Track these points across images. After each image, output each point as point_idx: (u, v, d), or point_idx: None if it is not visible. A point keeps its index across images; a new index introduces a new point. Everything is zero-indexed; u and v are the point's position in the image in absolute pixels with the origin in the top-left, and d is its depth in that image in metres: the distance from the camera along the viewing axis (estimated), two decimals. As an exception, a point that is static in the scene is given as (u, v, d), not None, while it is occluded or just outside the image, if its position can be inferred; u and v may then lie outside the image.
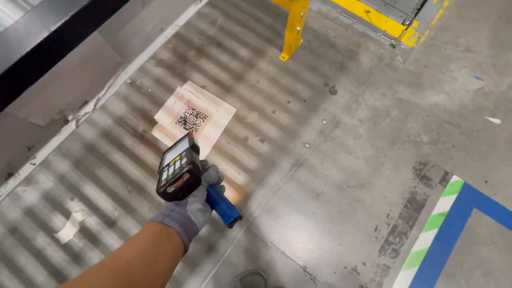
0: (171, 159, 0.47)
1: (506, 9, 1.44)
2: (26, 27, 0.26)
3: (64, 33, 0.28)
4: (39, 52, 0.27)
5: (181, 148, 0.49)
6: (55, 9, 0.27)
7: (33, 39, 0.26)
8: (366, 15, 1.43)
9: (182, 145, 0.50)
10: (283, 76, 1.32)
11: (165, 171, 0.45)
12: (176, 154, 0.48)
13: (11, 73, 0.26)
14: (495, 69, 1.34)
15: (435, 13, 1.44)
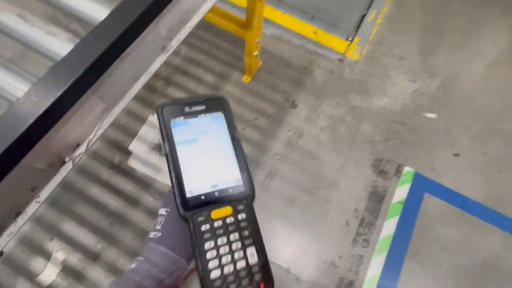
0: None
1: (427, 23, 1.71)
2: (36, 96, 0.34)
3: (65, 98, 0.36)
4: (47, 114, 0.35)
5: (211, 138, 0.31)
6: (57, 79, 0.36)
7: (43, 105, 0.34)
8: (315, 35, 1.62)
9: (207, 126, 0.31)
10: (247, 96, 1.44)
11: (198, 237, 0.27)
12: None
13: (25, 136, 0.34)
14: (425, 73, 1.58)
15: (371, 29, 1.67)
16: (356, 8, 1.71)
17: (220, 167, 0.30)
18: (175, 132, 0.29)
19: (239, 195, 0.29)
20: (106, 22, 0.37)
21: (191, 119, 0.31)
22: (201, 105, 0.31)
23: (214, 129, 0.31)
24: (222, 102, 0.32)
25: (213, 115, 0.31)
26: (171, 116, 0.30)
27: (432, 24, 1.71)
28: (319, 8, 1.69)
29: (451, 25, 1.71)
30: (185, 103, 0.31)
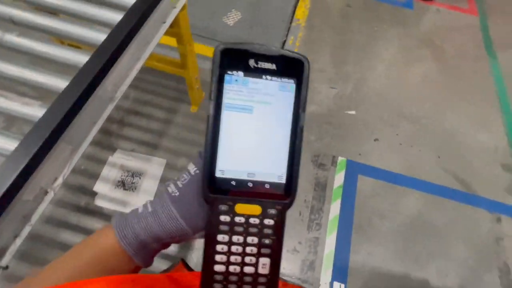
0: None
1: (335, 41, 2.11)
2: (21, 151, 0.50)
3: (43, 149, 0.52)
4: (33, 160, 0.50)
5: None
6: (36, 138, 0.52)
7: (28, 156, 0.49)
8: (247, 63, 1.90)
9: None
10: (198, 123, 1.63)
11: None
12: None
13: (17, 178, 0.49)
14: (341, 79, 1.93)
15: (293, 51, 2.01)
16: (277, 36, 2.05)
17: (266, 154, 0.24)
18: (227, 90, 0.22)
19: (276, 196, 0.24)
20: (66, 92, 0.55)
21: (253, 78, 0.23)
22: (272, 63, 0.23)
23: (278, 102, 0.23)
24: (301, 66, 0.24)
25: (283, 82, 0.23)
26: (228, 66, 0.22)
27: (339, 41, 2.11)
28: (247, 40, 1.98)
29: (354, 40, 2.13)
30: (253, 52, 0.23)
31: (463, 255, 1.44)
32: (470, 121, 1.85)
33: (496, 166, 1.71)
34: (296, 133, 0.24)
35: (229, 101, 0.23)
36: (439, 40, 2.20)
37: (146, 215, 0.27)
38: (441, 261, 1.42)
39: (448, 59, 2.11)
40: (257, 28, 2.05)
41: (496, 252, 1.46)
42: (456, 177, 1.65)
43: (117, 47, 0.64)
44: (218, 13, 2.07)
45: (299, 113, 0.24)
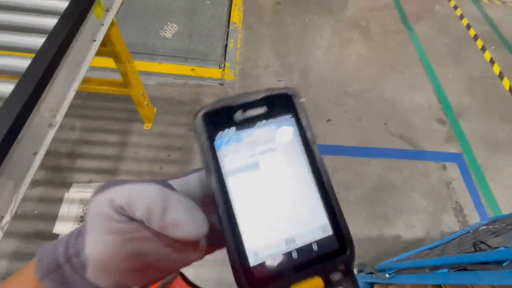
0: None
1: (273, 36, 2.21)
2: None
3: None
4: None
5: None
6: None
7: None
8: (193, 72, 1.91)
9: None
10: (154, 140, 1.59)
11: None
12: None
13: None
14: (286, 71, 2.03)
15: (235, 53, 2.06)
16: (217, 41, 2.09)
17: (296, 208, 0.19)
18: (222, 154, 0.19)
19: (331, 254, 0.19)
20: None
21: (246, 130, 0.19)
22: (260, 106, 0.20)
23: (282, 144, 0.20)
24: (290, 98, 0.21)
25: (279, 120, 0.20)
26: (214, 128, 0.19)
27: (277, 36, 2.22)
28: (189, 50, 2.00)
29: (290, 32, 2.26)
30: (235, 105, 0.20)
31: (423, 204, 1.60)
32: (404, 87, 2.07)
33: (432, 122, 1.94)
34: (319, 169, 0.20)
35: (229, 167, 0.19)
36: (364, 21, 2.43)
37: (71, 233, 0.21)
38: (406, 215, 1.56)
39: (374, 37, 2.34)
40: (196, 37, 2.07)
41: (448, 195, 1.65)
42: (403, 138, 1.83)
43: (44, 72, 0.62)
44: (154, 28, 2.05)
45: (310, 146, 0.20)
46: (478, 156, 1.82)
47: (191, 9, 2.22)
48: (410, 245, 1.46)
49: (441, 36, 2.45)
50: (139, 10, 2.12)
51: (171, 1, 2.22)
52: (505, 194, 1.68)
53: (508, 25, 2.65)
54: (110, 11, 0.91)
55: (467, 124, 1.96)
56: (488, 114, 2.04)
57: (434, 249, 1.01)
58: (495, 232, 0.81)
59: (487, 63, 2.35)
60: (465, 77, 2.22)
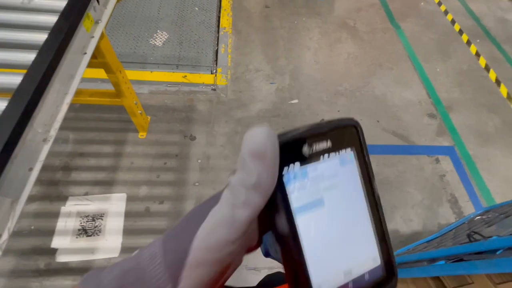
0: None
1: (263, 40, 2.23)
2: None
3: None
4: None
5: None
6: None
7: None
8: (185, 79, 1.91)
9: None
10: (150, 148, 1.59)
11: None
12: None
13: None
14: (277, 74, 2.05)
15: (226, 58, 2.08)
16: (208, 47, 2.10)
17: (355, 242, 0.20)
18: (291, 190, 0.18)
19: (379, 281, 0.20)
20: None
21: (311, 164, 0.19)
22: (325, 139, 0.19)
23: (344, 179, 0.20)
24: (353, 132, 0.21)
25: (342, 155, 0.20)
26: (281, 162, 0.18)
27: (267, 39, 2.24)
28: (180, 57, 2.01)
29: (279, 36, 2.28)
30: (303, 136, 0.19)
31: (418, 198, 1.63)
32: (394, 84, 2.11)
33: (423, 117, 1.97)
34: (376, 204, 0.20)
35: (298, 203, 0.18)
36: (352, 21, 2.47)
37: (118, 264, 0.19)
38: (403, 210, 1.59)
39: (362, 36, 2.38)
40: (186, 44, 2.08)
41: (442, 188, 1.68)
42: (395, 134, 1.86)
43: (36, 88, 0.62)
44: (144, 37, 2.05)
45: (371, 181, 0.20)
46: (469, 148, 1.86)
47: (180, 16, 2.23)
48: (408, 239, 1.48)
49: (427, 32, 2.50)
50: (128, 19, 2.13)
51: (159, 9, 2.23)
52: (497, 184, 1.72)
53: (490, 18, 2.72)
54: (100, 23, 0.92)
55: (457, 117, 2.00)
56: (477, 106, 2.08)
57: (431, 242, 1.02)
58: (489, 222, 0.84)
59: (473, 57, 2.40)
60: (453, 71, 2.27)
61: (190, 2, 2.33)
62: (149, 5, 2.24)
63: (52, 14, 0.76)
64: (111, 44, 1.09)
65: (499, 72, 2.30)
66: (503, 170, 1.79)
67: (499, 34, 2.58)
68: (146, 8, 2.21)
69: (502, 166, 1.80)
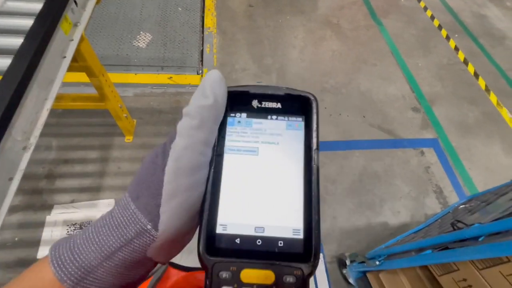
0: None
1: (248, 39, 2.23)
2: None
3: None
4: None
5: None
6: None
7: None
8: (171, 80, 1.89)
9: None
10: (137, 152, 1.56)
11: None
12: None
13: None
14: (264, 73, 2.05)
15: (212, 58, 2.06)
16: (193, 48, 2.08)
17: (277, 202, 0.20)
18: (230, 132, 0.20)
19: (293, 257, 0.19)
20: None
21: (257, 119, 0.21)
22: (277, 101, 0.21)
23: (286, 142, 0.21)
24: (307, 104, 0.22)
25: (290, 121, 0.21)
26: (230, 108, 0.21)
27: (252, 39, 2.24)
28: (164, 59, 1.98)
29: (264, 35, 2.28)
30: (256, 93, 0.21)
31: (405, 190, 1.67)
32: (378, 79, 2.15)
33: (407, 111, 2.02)
34: (311, 174, 0.20)
35: (232, 143, 0.20)
36: (335, 19, 2.50)
37: (90, 225, 0.20)
38: (391, 202, 1.62)
39: (346, 33, 2.41)
40: (171, 45, 2.05)
41: (428, 179, 1.73)
42: (381, 128, 1.90)
43: (13, 94, 0.60)
44: (126, 38, 2.01)
45: (311, 151, 0.20)
46: (452, 140, 1.92)
47: (163, 17, 2.20)
48: (397, 231, 1.52)
49: (408, 28, 2.57)
50: (110, 21, 2.08)
51: (142, 10, 2.19)
52: (479, 173, 1.78)
53: (467, 13, 2.81)
54: (79, 25, 0.89)
55: (440, 110, 2.06)
56: (457, 99, 2.15)
57: (419, 232, 1.06)
58: (471, 210, 0.87)
59: (453, 51, 2.48)
60: (434, 66, 2.33)
61: (173, 2, 2.30)
62: (131, 6, 2.20)
63: (28, 17, 0.73)
64: (93, 47, 1.07)
65: (477, 65, 2.39)
66: (484, 160, 1.86)
67: (476, 29, 2.68)
68: (128, 9, 2.17)
69: (482, 156, 1.87)
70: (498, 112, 2.13)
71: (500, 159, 1.89)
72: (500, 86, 2.30)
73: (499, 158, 1.89)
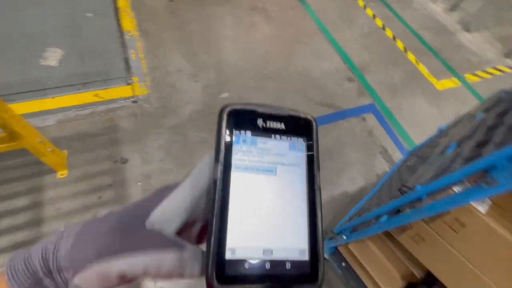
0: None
1: (175, 38, 2.09)
2: None
3: None
4: None
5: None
6: None
7: None
8: (98, 97, 1.69)
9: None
10: (76, 186, 1.39)
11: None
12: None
13: None
14: (201, 70, 1.96)
15: (140, 64, 1.89)
16: (115, 56, 1.88)
17: (283, 223, 0.19)
18: (236, 151, 0.20)
19: (300, 278, 0.19)
20: None
21: (262, 138, 0.21)
22: (280, 121, 0.22)
23: (290, 163, 0.21)
24: (308, 125, 0.22)
25: (293, 141, 0.22)
26: (237, 125, 0.21)
27: (180, 36, 2.11)
28: (84, 74, 1.75)
29: (192, 30, 2.16)
30: (261, 113, 0.21)
31: (355, 157, 1.79)
32: (312, 57, 2.22)
33: (343, 82, 2.14)
34: (315, 195, 0.21)
35: (238, 162, 0.20)
36: (260, 3, 2.48)
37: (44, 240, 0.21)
38: (346, 172, 1.73)
39: (273, 16, 2.42)
40: (89, 57, 1.82)
41: (373, 142, 1.88)
42: (324, 104, 1.98)
43: None
44: (32, 59, 1.72)
45: (314, 173, 0.22)
46: (386, 101, 2.10)
47: (72, 27, 1.93)
48: (356, 196, 1.63)
49: (329, 3, 2.67)
50: (6, 43, 1.75)
51: (42, 24, 1.89)
52: (413, 127, 1.99)
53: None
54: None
55: (371, 76, 2.22)
56: (383, 63, 2.34)
57: (373, 198, 1.14)
58: (413, 168, 0.96)
59: (371, 19, 2.67)
60: (358, 36, 2.49)
61: (80, 8, 2.03)
62: (27, 20, 1.88)
63: None
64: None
65: (393, 29, 2.61)
66: (413, 114, 2.07)
67: (387, -5, 2.91)
68: (23, 25, 1.85)
69: (412, 111, 2.09)
70: (417, 68, 2.38)
71: (425, 110, 2.13)
72: (414, 45, 2.56)
73: (425, 110, 2.13)
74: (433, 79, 2.34)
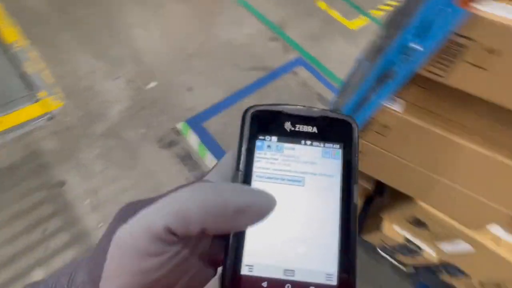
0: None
1: (77, 37, 1.84)
2: None
3: None
4: None
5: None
6: None
7: None
8: (2, 126, 1.43)
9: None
10: (11, 228, 1.20)
11: None
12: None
13: None
14: (117, 66, 1.78)
15: (40, 75, 1.64)
16: (7, 74, 1.59)
17: (309, 242, 0.17)
18: (258, 158, 0.18)
19: None
20: None
21: (289, 144, 0.19)
22: (312, 125, 0.19)
23: (321, 173, 0.18)
24: (347, 128, 0.19)
25: (327, 148, 0.19)
26: (260, 129, 0.19)
27: (82, 33, 1.86)
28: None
29: (94, 23, 1.92)
30: (289, 114, 0.19)
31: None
32: (231, 26, 2.18)
33: (268, 43, 2.16)
34: (349, 212, 0.18)
35: (261, 170, 0.18)
36: (161, -19, 2.30)
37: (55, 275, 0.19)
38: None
39: (180, -8, 2.27)
40: (-28, 83, 1.51)
41: (310, 93, 1.97)
42: (255, 68, 1.99)
43: None
44: None
45: (350, 186, 0.18)
46: (311, 52, 2.19)
47: None
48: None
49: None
50: None
51: None
52: (339, 68, 2.13)
53: None
54: None
55: (292, 31, 2.28)
56: (299, 16, 2.41)
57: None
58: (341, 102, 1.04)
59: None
60: (269, -5, 2.49)
61: None
62: None
63: None
64: None
65: (300, -19, 2.67)
66: (337, 57, 2.21)
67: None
68: None
69: (334, 54, 2.22)
70: (330, 15, 2.51)
71: (346, 50, 2.28)
72: (322, -7, 2.67)
73: (345, 50, 2.28)
74: (346, 21, 2.50)
